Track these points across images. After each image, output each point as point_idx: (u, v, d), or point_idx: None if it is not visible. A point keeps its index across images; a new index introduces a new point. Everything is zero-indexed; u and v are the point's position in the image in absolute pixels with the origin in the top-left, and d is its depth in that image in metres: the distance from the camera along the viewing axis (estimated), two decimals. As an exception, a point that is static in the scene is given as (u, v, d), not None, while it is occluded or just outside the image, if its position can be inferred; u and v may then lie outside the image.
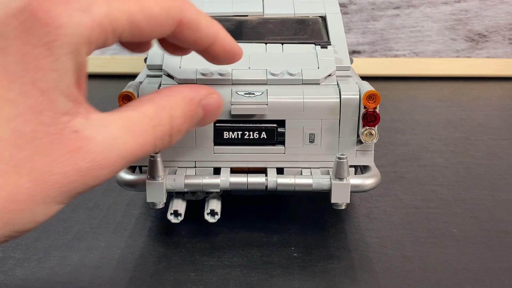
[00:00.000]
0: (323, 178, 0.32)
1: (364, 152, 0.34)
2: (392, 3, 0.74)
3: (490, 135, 0.53)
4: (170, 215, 0.33)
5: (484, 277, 0.31)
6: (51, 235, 0.35)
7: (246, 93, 0.32)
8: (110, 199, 0.39)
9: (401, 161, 0.47)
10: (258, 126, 0.33)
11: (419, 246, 0.34)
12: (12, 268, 0.32)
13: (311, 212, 0.38)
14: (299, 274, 0.31)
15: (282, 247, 0.33)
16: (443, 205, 0.39)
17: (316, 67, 0.34)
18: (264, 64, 0.34)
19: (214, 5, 0.40)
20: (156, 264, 0.32)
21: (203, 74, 0.33)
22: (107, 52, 0.74)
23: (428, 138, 0.52)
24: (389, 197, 0.40)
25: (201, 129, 0.32)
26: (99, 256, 0.33)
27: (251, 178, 0.32)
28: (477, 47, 0.75)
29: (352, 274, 0.31)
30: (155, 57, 0.35)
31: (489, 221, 0.37)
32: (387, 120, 0.57)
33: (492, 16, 0.74)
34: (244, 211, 0.38)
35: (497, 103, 0.66)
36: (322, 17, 0.39)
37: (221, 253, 0.33)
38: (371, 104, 0.32)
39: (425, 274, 0.31)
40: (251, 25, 0.38)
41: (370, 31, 0.75)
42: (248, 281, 0.30)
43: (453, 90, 0.70)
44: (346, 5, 0.74)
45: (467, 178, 0.44)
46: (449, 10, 0.74)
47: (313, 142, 0.33)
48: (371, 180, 0.33)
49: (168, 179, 0.32)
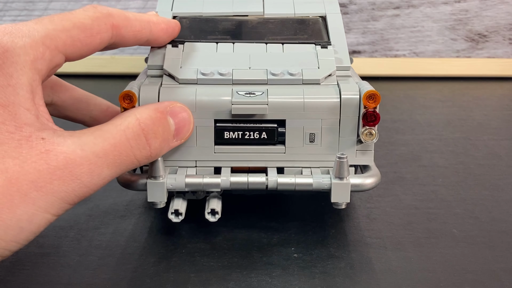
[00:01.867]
0: (323, 177, 0.32)
1: (364, 151, 0.34)
2: (392, 3, 0.74)
3: (490, 135, 0.53)
4: (171, 214, 0.33)
5: (484, 277, 0.31)
6: (51, 234, 0.35)
7: (247, 93, 0.32)
8: (110, 199, 0.39)
9: (401, 161, 0.47)
10: (259, 126, 0.33)
11: (419, 246, 0.34)
12: (13, 269, 0.32)
13: (311, 212, 0.38)
14: (299, 274, 0.31)
15: (282, 247, 0.34)
16: (443, 205, 0.39)
17: (316, 67, 0.34)
18: (264, 64, 0.34)
19: (214, 5, 0.40)
20: (156, 264, 0.32)
21: (203, 74, 0.33)
22: (107, 52, 0.74)
23: (428, 138, 0.52)
24: (389, 197, 0.40)
25: (202, 129, 0.33)
26: (99, 257, 0.33)
27: (251, 178, 0.32)
28: (477, 47, 0.75)
29: (352, 274, 0.31)
30: (156, 57, 0.35)
31: (489, 221, 0.37)
32: (387, 120, 0.57)
33: (492, 16, 0.74)
34: (244, 211, 0.38)
35: (497, 103, 0.66)
36: (322, 17, 0.39)
37: (221, 253, 0.33)
38: (371, 104, 0.32)
39: (425, 274, 0.31)
40: (251, 25, 0.38)
41: (370, 31, 0.75)
42: (248, 281, 0.30)
43: (453, 90, 0.70)
44: (346, 5, 0.74)
45: (467, 178, 0.44)
46: (449, 10, 0.74)
47: (313, 141, 0.33)
48: (371, 179, 0.33)
49: (169, 179, 0.32)
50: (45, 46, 0.26)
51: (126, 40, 0.30)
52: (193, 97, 0.32)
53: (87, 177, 0.24)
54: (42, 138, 0.23)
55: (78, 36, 0.27)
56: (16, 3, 0.74)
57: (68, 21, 0.27)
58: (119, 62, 0.74)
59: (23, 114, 0.24)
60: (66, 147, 0.24)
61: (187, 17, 0.38)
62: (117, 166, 0.26)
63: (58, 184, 0.23)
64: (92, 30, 0.28)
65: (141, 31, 0.31)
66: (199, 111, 0.32)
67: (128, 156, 0.26)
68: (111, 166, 0.25)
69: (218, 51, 0.36)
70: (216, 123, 0.33)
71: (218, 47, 0.36)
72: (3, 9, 0.75)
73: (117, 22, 0.29)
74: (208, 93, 0.32)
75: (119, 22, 0.29)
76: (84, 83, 0.39)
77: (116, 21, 0.29)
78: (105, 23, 0.29)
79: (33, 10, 0.75)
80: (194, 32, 0.37)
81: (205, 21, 0.38)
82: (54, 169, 0.23)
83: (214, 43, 0.36)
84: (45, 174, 0.23)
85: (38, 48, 0.25)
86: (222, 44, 0.36)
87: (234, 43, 0.36)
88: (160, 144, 0.28)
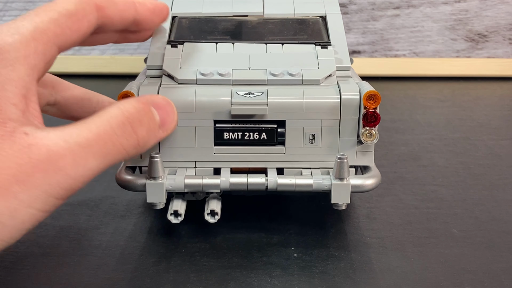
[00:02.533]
0: (323, 178, 0.32)
1: (364, 152, 0.34)
2: (392, 3, 0.74)
3: (490, 135, 0.53)
4: (170, 215, 0.33)
5: (484, 277, 0.31)
6: (51, 234, 0.35)
7: (246, 93, 0.32)
8: (110, 199, 0.39)
9: (401, 161, 0.47)
10: (258, 127, 0.33)
11: (419, 246, 0.34)
12: (12, 269, 0.32)
13: (311, 212, 0.38)
14: (299, 274, 0.31)
15: (282, 247, 0.34)
16: (443, 205, 0.39)
17: (316, 67, 0.34)
18: (264, 64, 0.34)
19: (214, 5, 0.40)
20: (156, 264, 0.32)
21: (203, 74, 0.33)
22: (107, 52, 0.74)
23: (428, 138, 0.52)
24: (389, 197, 0.40)
25: (201, 129, 0.32)
26: (99, 256, 0.33)
27: (251, 179, 0.32)
28: (477, 47, 0.75)
29: (352, 274, 0.31)
30: (155, 57, 0.35)
31: (489, 221, 0.37)
32: (387, 120, 0.57)
33: (492, 16, 0.74)
34: (244, 211, 0.38)
35: (497, 103, 0.66)
36: (322, 17, 0.39)
37: (221, 253, 0.33)
38: (371, 104, 0.32)
39: (425, 274, 0.31)
40: (251, 25, 0.38)
41: (370, 31, 0.75)
42: (248, 281, 0.30)
43: (453, 90, 0.70)
44: (346, 5, 0.74)
45: (467, 178, 0.44)
46: (449, 10, 0.74)
47: (313, 142, 0.33)
48: (372, 180, 0.33)
49: (168, 180, 0.32)
50: (36, 41, 0.25)
51: (113, 20, 0.30)
52: (192, 98, 0.32)
53: (71, 168, 0.24)
54: (25, 133, 0.23)
55: (66, 24, 0.27)
56: (16, 3, 0.74)
57: (53, 11, 0.27)
58: (119, 62, 0.74)
59: (8, 109, 0.24)
60: (49, 140, 0.23)
61: (186, 17, 0.38)
62: (103, 156, 0.25)
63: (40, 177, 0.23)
64: (78, 15, 0.28)
65: (126, 10, 0.31)
66: (199, 112, 0.32)
67: (114, 145, 0.25)
68: (97, 156, 0.25)
69: (218, 51, 0.36)
70: (216, 124, 0.33)
71: (217, 47, 0.36)
72: (3, 9, 0.75)
73: (100, 2, 0.29)
74: (207, 94, 0.32)
75: (102, 2, 0.29)
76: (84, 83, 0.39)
77: (99, 1, 0.29)
78: (89, 4, 0.28)
79: (33, 10, 0.75)
80: (193, 32, 0.37)
81: (205, 21, 0.38)
82: (37, 162, 0.23)
83: (214, 43, 0.36)
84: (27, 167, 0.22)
85: (29, 43, 0.25)
86: (221, 44, 0.36)
87: (233, 43, 0.36)
88: (147, 133, 0.27)
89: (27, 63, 0.25)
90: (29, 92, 0.25)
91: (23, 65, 0.25)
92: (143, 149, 0.28)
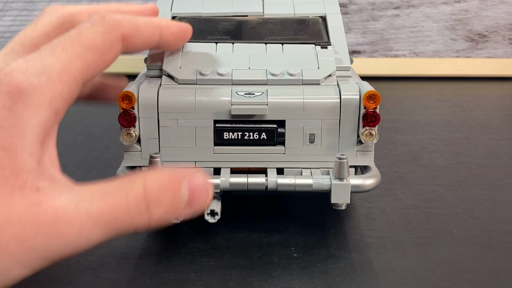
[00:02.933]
0: (323, 178, 0.32)
1: (364, 152, 0.34)
2: (392, 3, 0.74)
3: (490, 135, 0.53)
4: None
5: (484, 277, 0.31)
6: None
7: (246, 93, 0.32)
8: (110, 199, 0.39)
9: (401, 161, 0.47)
10: (258, 127, 0.33)
11: (419, 246, 0.34)
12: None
13: (311, 212, 0.38)
14: (299, 274, 0.31)
15: (282, 247, 0.33)
16: (443, 205, 0.39)
17: (316, 67, 0.34)
18: (264, 64, 0.34)
19: (214, 5, 0.40)
20: (156, 264, 0.32)
21: (203, 74, 0.33)
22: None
23: (428, 138, 0.52)
24: (389, 197, 0.40)
25: (201, 129, 0.32)
26: (99, 257, 0.33)
27: (251, 179, 0.32)
28: (477, 47, 0.75)
29: (352, 274, 0.31)
30: (155, 58, 0.35)
31: (489, 221, 0.37)
32: (387, 120, 0.57)
33: (492, 16, 0.74)
34: (244, 211, 0.38)
35: (497, 103, 0.66)
36: (322, 17, 0.39)
37: (221, 253, 0.33)
38: (371, 104, 0.32)
39: (425, 274, 0.31)
40: (251, 25, 0.38)
41: (370, 31, 0.75)
42: (248, 281, 0.30)
43: (453, 90, 0.70)
44: (346, 5, 0.74)
45: (467, 178, 0.44)
46: (449, 10, 0.74)
47: (313, 142, 0.33)
48: (371, 180, 0.33)
49: (168, 179, 0.32)
50: (62, 82, 0.24)
51: (136, 48, 0.29)
52: (192, 98, 0.32)
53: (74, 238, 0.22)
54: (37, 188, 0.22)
55: (93, 59, 0.26)
56: (16, 3, 0.74)
57: (80, 46, 0.25)
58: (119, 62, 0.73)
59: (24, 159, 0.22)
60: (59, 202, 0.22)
61: (186, 17, 0.38)
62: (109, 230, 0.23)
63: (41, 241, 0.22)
64: (104, 48, 0.27)
65: (151, 37, 0.30)
66: (199, 112, 0.32)
67: (124, 222, 0.23)
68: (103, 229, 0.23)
69: (218, 51, 0.36)
70: (216, 124, 0.33)
71: (217, 47, 0.36)
72: (3, 9, 0.75)
73: (126, 31, 0.28)
74: (207, 94, 0.32)
75: (128, 31, 0.28)
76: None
77: (125, 31, 0.28)
78: (115, 36, 0.27)
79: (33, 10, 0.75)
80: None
81: (205, 21, 0.38)
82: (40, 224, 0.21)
83: (214, 43, 0.36)
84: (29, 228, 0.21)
85: (55, 86, 0.24)
86: (221, 44, 0.36)
87: (233, 43, 0.36)
88: (164, 214, 0.25)
89: (51, 107, 0.24)
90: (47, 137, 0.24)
91: (46, 109, 0.23)
92: (156, 226, 0.25)
